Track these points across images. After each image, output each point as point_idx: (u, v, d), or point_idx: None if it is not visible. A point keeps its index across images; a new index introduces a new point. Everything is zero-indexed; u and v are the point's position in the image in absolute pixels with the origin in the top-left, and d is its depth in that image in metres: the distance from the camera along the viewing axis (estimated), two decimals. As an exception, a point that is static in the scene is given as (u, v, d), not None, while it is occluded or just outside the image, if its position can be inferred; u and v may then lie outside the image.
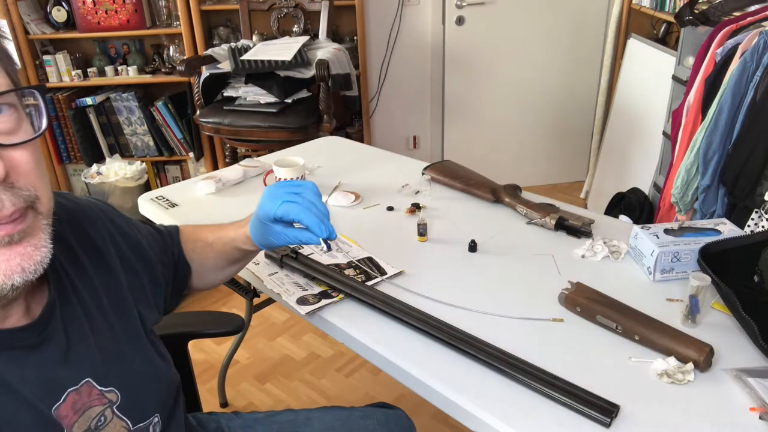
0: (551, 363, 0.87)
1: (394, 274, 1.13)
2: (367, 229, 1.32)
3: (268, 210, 0.86)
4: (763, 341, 0.87)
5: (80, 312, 0.72)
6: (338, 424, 1.06)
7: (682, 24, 2.12)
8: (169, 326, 1.14)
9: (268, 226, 0.89)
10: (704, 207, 1.84)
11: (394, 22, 3.06)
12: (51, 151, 3.03)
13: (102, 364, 0.71)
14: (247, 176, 1.58)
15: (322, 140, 1.93)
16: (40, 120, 0.62)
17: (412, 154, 3.24)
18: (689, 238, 1.09)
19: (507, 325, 0.99)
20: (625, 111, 2.80)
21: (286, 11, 2.86)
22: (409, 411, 1.16)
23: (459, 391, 0.85)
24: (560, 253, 1.19)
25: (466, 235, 1.24)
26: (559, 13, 3.06)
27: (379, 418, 1.09)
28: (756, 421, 0.78)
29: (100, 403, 0.70)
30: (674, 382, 0.84)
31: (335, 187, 1.51)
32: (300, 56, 2.53)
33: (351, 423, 1.07)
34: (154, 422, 0.77)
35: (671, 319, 0.95)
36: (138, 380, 0.75)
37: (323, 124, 2.57)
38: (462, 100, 3.24)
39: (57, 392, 0.66)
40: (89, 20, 2.81)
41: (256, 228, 0.91)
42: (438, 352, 0.93)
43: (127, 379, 0.74)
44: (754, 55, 1.65)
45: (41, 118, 0.62)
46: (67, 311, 0.70)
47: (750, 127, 1.66)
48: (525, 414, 0.81)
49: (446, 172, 1.50)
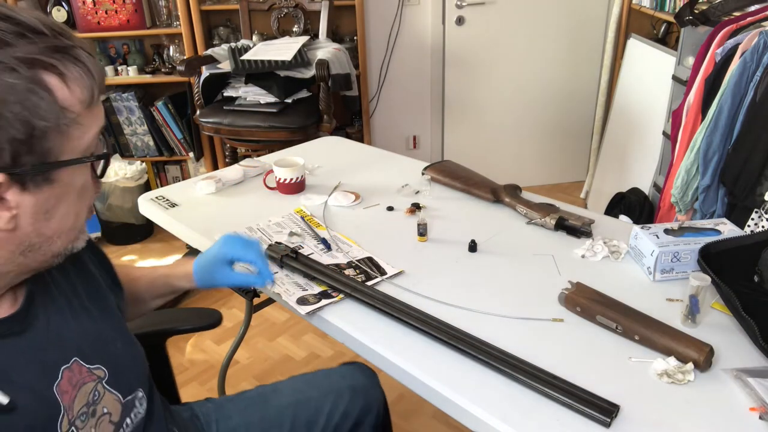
0: (551, 363, 0.87)
1: (394, 274, 1.13)
2: (367, 229, 1.32)
3: (230, 251, 1.02)
4: (763, 341, 0.87)
5: (59, 297, 0.76)
6: (304, 385, 1.14)
7: (682, 24, 2.12)
8: (148, 324, 1.15)
9: (220, 268, 1.02)
10: (704, 207, 1.84)
11: (394, 22, 3.06)
12: (51, 151, 3.03)
13: (86, 344, 0.75)
14: (247, 176, 1.58)
15: (322, 140, 1.93)
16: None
17: (412, 154, 3.24)
18: (689, 238, 1.09)
19: (507, 325, 0.99)
20: (625, 111, 2.80)
21: (286, 11, 2.86)
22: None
23: (459, 391, 0.85)
24: (560, 253, 1.19)
25: (466, 235, 1.24)
26: (559, 13, 3.06)
27: (341, 372, 1.16)
28: (756, 421, 0.78)
29: (91, 379, 0.74)
30: (674, 382, 0.84)
31: (335, 187, 1.51)
32: (300, 56, 2.53)
33: (316, 381, 1.14)
34: (139, 396, 0.83)
35: (671, 319, 0.95)
36: (121, 358, 0.80)
37: (323, 124, 2.57)
38: (462, 100, 3.24)
39: (53, 371, 0.70)
40: (89, 20, 2.81)
41: (204, 268, 1.03)
42: (438, 352, 0.93)
43: (111, 357, 0.78)
44: (754, 55, 1.65)
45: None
46: (46, 299, 0.74)
47: (750, 127, 1.66)
48: (525, 414, 0.81)
49: (446, 172, 1.50)
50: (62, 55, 0.61)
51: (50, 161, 0.61)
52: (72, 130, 0.62)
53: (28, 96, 0.58)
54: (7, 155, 0.58)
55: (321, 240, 1.26)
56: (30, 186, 0.61)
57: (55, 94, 0.60)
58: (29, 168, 0.60)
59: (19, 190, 0.61)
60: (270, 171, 1.51)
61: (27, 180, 0.61)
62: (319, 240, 1.26)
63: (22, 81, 0.57)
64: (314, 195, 1.47)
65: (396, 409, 1.88)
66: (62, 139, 0.62)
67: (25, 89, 0.58)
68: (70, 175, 0.65)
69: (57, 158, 0.62)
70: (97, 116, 0.66)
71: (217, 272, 1.02)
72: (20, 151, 0.59)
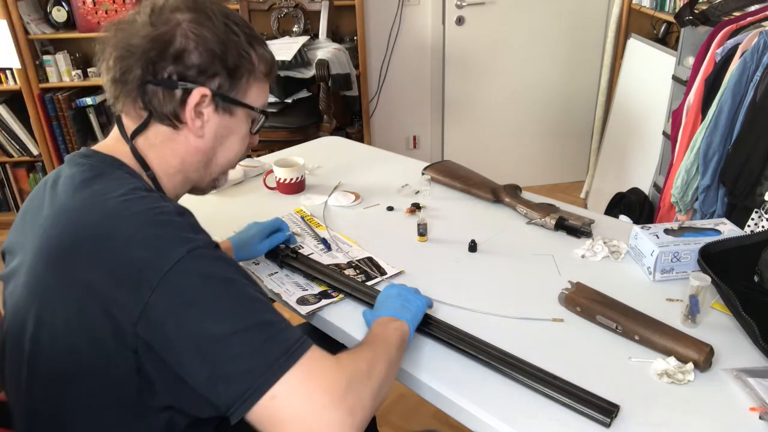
0: (551, 363, 0.87)
1: (394, 274, 1.13)
2: (367, 229, 1.32)
3: (267, 226, 1.20)
4: (763, 341, 0.87)
5: None
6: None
7: (682, 24, 2.12)
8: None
9: (258, 242, 1.18)
10: (704, 207, 1.84)
11: (394, 22, 3.06)
12: (51, 151, 3.03)
13: None
14: (247, 176, 1.58)
15: (322, 140, 1.93)
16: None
17: (412, 154, 3.24)
18: (689, 238, 1.09)
19: (507, 325, 0.99)
20: (625, 111, 2.80)
21: (286, 11, 2.86)
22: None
23: (459, 391, 0.85)
24: (560, 253, 1.19)
25: (466, 235, 1.24)
26: (559, 13, 3.06)
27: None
28: (756, 421, 0.78)
29: None
30: (674, 382, 0.84)
31: (335, 187, 1.51)
32: (300, 56, 2.53)
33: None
34: None
35: (671, 319, 0.95)
36: None
37: (323, 124, 2.57)
38: (462, 100, 3.24)
39: None
40: (89, 20, 2.81)
41: (244, 242, 1.17)
42: (438, 352, 0.93)
43: None
44: (754, 55, 1.65)
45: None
46: None
47: (750, 127, 1.66)
48: (525, 414, 0.81)
49: (446, 172, 1.50)
50: (260, 41, 0.87)
51: (238, 98, 0.84)
52: (257, 85, 0.86)
53: (244, 45, 0.83)
54: (217, 81, 0.81)
55: (321, 240, 1.26)
56: (219, 109, 0.83)
57: (257, 53, 0.85)
58: (227, 95, 0.83)
59: (213, 110, 0.83)
60: (270, 171, 1.51)
61: (219, 103, 0.83)
62: (319, 240, 1.26)
63: (242, 36, 0.83)
64: (314, 195, 1.47)
65: (396, 409, 1.88)
66: (249, 87, 0.85)
67: (245, 41, 0.83)
68: (243, 118, 0.87)
69: (242, 99, 0.85)
70: (266, 90, 0.90)
71: (253, 246, 1.16)
72: (225, 82, 0.82)
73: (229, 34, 0.82)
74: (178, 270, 0.67)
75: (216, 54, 0.80)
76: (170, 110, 0.80)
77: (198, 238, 0.73)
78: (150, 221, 0.72)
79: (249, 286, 0.73)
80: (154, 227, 0.72)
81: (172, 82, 0.79)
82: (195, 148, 0.85)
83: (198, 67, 0.79)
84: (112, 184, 0.77)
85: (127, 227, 0.71)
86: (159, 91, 0.79)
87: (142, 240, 0.70)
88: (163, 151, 0.84)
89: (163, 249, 0.69)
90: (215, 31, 0.80)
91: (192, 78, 0.80)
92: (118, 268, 0.69)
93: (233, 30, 0.82)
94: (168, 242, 0.70)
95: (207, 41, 0.80)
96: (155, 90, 0.79)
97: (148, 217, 0.73)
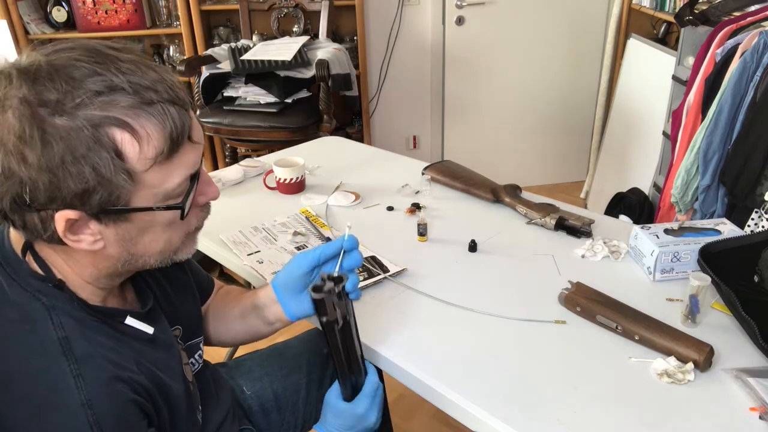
0: (551, 362, 0.87)
1: (397, 272, 1.13)
2: (367, 229, 1.32)
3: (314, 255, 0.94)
4: (763, 341, 0.87)
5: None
6: (314, 336, 1.24)
7: (682, 24, 2.12)
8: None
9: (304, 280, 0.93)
10: (704, 207, 1.84)
11: (394, 22, 3.06)
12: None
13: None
14: (247, 176, 1.58)
15: (322, 140, 1.93)
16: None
17: (412, 154, 3.24)
18: (689, 238, 1.09)
19: (507, 325, 0.99)
20: (625, 111, 2.80)
21: (286, 11, 2.86)
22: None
23: (459, 391, 0.85)
24: (560, 253, 1.19)
25: (466, 235, 1.24)
26: (559, 13, 3.06)
27: (299, 338, 1.25)
28: (756, 421, 0.78)
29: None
30: (674, 382, 0.84)
31: (335, 187, 1.51)
32: (300, 56, 2.53)
33: (279, 347, 1.22)
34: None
35: (671, 319, 0.95)
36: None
37: (323, 124, 2.57)
38: (462, 100, 3.24)
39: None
40: (89, 20, 2.81)
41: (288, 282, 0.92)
42: (438, 352, 0.93)
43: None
44: (754, 55, 1.65)
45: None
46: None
47: (750, 127, 1.66)
48: (525, 414, 0.81)
49: (446, 172, 1.50)
50: (141, 110, 0.62)
51: (118, 207, 0.64)
52: (146, 179, 0.64)
53: (90, 152, 0.60)
54: (77, 198, 0.62)
55: (325, 240, 1.26)
56: (106, 221, 0.65)
57: (121, 150, 0.61)
58: (97, 210, 0.63)
59: (97, 224, 0.65)
60: (270, 171, 1.51)
61: (101, 217, 0.65)
62: (323, 240, 1.26)
63: (87, 137, 0.60)
64: (314, 195, 1.47)
65: (396, 409, 1.88)
66: (132, 188, 0.64)
67: (91, 142, 0.60)
68: (149, 216, 0.67)
69: (127, 204, 0.64)
70: (183, 163, 0.67)
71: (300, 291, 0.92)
72: (88, 195, 0.62)
73: (72, 145, 0.59)
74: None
75: (53, 182, 0.60)
76: (48, 235, 0.65)
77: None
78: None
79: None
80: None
81: (28, 207, 0.63)
82: (104, 257, 0.70)
83: (43, 193, 0.61)
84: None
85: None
86: (24, 214, 0.64)
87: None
88: (68, 261, 0.70)
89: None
90: (44, 150, 0.59)
91: (42, 205, 0.62)
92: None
93: (76, 126, 0.59)
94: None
95: (34, 168, 0.60)
96: (21, 212, 0.64)
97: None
